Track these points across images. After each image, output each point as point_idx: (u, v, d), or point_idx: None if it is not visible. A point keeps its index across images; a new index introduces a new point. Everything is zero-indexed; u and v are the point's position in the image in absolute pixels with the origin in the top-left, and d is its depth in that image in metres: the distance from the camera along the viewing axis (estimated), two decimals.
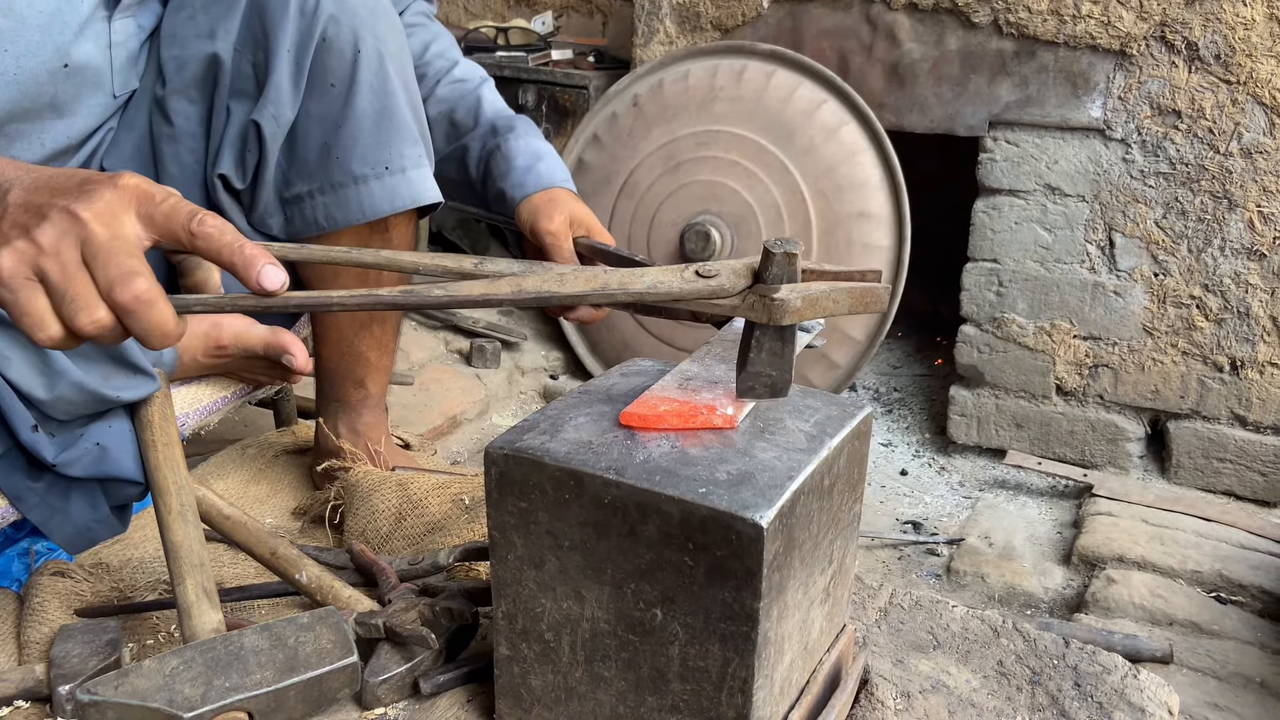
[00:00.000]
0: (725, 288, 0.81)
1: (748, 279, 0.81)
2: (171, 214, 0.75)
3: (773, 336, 0.82)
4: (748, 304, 0.81)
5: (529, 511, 0.82)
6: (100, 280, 0.72)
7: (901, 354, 3.26)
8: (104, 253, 0.72)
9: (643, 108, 2.79)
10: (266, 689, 0.87)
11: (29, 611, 1.14)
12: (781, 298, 0.79)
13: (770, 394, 0.85)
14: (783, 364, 0.84)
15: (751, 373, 0.84)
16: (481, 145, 1.45)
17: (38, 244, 0.71)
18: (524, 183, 1.39)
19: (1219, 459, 2.42)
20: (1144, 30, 2.30)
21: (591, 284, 0.82)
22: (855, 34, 2.64)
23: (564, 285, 0.82)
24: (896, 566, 2.21)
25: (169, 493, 1.06)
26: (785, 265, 0.80)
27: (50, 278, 0.71)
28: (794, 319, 0.81)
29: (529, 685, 0.88)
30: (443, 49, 1.51)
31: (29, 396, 1.02)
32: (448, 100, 1.48)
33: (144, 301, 0.72)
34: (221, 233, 0.75)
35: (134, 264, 0.72)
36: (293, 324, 1.43)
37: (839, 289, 0.82)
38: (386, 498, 1.37)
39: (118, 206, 0.74)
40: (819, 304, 0.81)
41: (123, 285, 0.71)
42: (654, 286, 0.81)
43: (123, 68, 1.23)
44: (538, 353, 3.06)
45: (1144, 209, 2.38)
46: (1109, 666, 1.09)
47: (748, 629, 0.76)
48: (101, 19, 1.17)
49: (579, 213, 1.36)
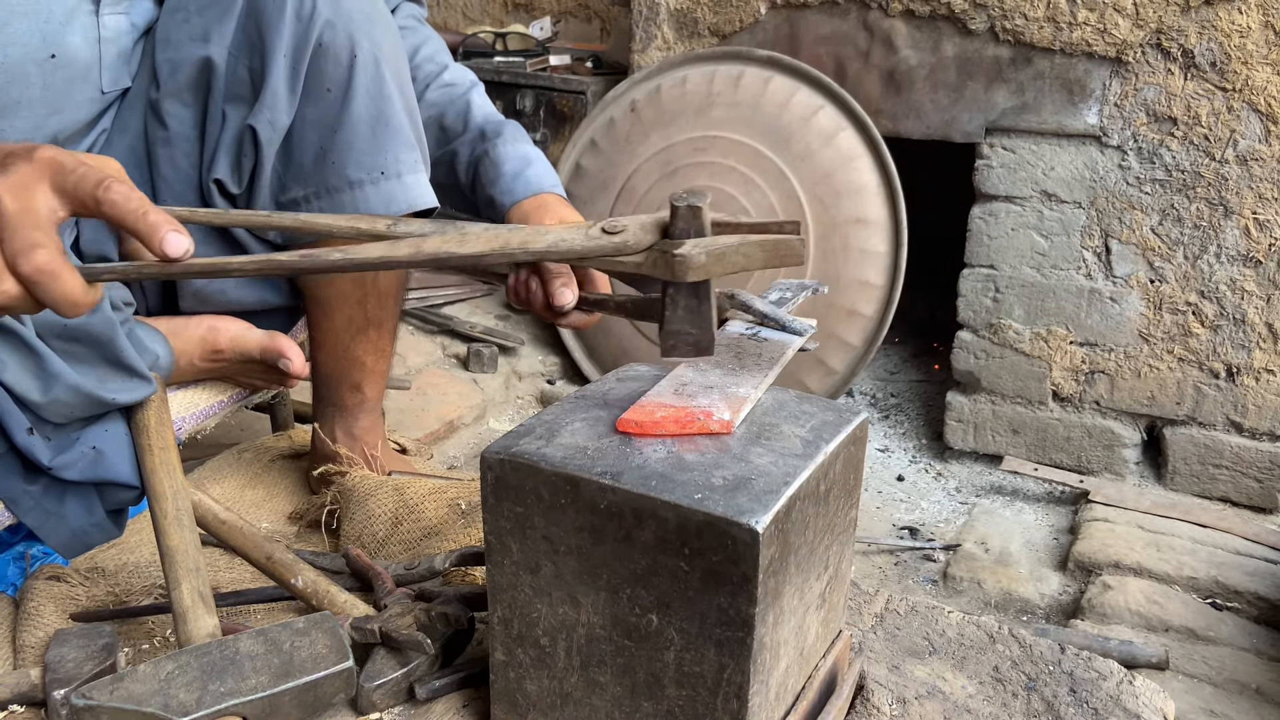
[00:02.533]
0: (629, 244, 0.79)
1: (655, 235, 0.79)
2: (80, 182, 0.76)
3: (686, 294, 0.80)
4: (650, 261, 0.79)
5: (525, 516, 0.82)
6: (5, 253, 0.74)
7: (898, 360, 3.26)
8: (10, 225, 0.74)
9: (640, 113, 2.79)
10: (262, 694, 0.87)
11: (24, 616, 1.14)
12: (684, 253, 0.77)
13: (694, 352, 0.83)
14: (701, 320, 0.82)
15: (670, 331, 0.82)
16: (470, 150, 1.45)
17: None
18: (513, 189, 1.39)
19: (1215, 465, 2.43)
20: (1140, 38, 2.30)
21: (491, 244, 0.80)
22: (852, 40, 2.65)
23: (464, 246, 0.81)
24: (893, 572, 2.21)
25: (165, 497, 1.05)
26: (691, 219, 0.78)
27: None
28: (699, 275, 0.79)
29: (524, 690, 0.88)
30: (432, 53, 1.51)
31: (24, 399, 1.02)
32: (437, 105, 1.48)
33: (46, 273, 0.74)
34: (127, 200, 0.76)
35: (37, 236, 0.74)
36: (289, 328, 1.43)
37: (749, 242, 0.80)
38: (383, 502, 1.37)
39: (30, 179, 0.75)
40: (726, 258, 0.79)
41: (24, 257, 0.73)
42: (556, 244, 0.80)
43: (112, 63, 1.22)
44: (535, 358, 3.06)
45: (1140, 215, 2.39)
46: (1104, 672, 1.09)
47: (743, 634, 0.76)
48: (89, 12, 1.17)
49: (568, 218, 1.36)
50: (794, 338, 1.00)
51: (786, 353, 0.97)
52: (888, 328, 2.60)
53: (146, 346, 1.16)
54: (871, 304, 2.59)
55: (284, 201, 1.27)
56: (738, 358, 0.96)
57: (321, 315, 1.40)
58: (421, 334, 3.05)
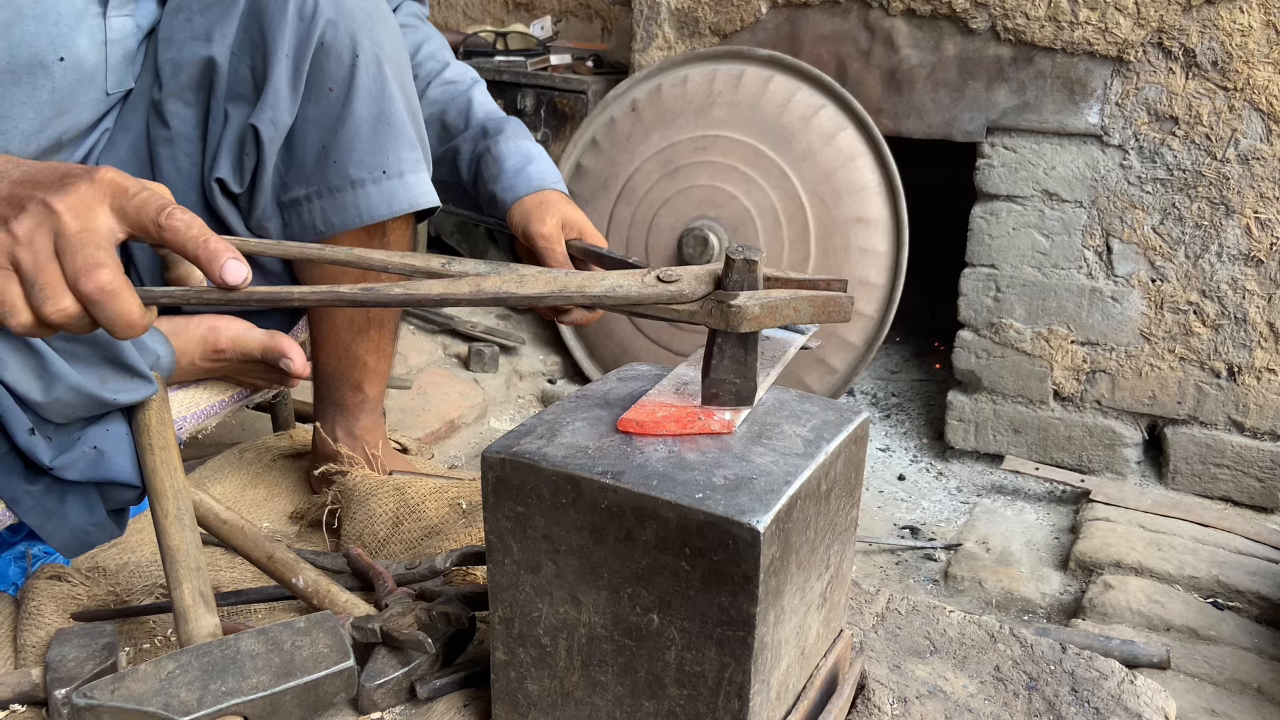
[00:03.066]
0: (685, 293, 0.80)
1: (709, 285, 0.81)
2: (142, 207, 0.77)
3: (734, 344, 0.82)
4: (706, 310, 0.81)
5: (526, 516, 0.82)
6: (67, 271, 0.74)
7: (899, 359, 3.26)
8: (73, 244, 0.74)
9: (641, 112, 2.79)
10: (262, 693, 0.87)
11: (25, 615, 1.14)
12: (739, 304, 0.79)
13: (735, 402, 0.85)
14: (746, 371, 0.84)
15: (714, 380, 0.84)
16: (472, 147, 1.45)
17: (14, 234, 0.74)
18: (514, 185, 1.39)
19: (1216, 465, 2.43)
20: (1141, 37, 2.30)
21: (551, 285, 0.82)
22: (853, 40, 2.65)
23: (523, 287, 0.82)
24: (894, 572, 2.21)
25: (166, 496, 1.06)
26: (745, 272, 0.80)
27: (23, 266, 0.74)
28: (752, 326, 0.81)
29: (525, 690, 0.88)
30: (434, 50, 1.51)
31: (25, 399, 1.02)
32: (439, 102, 1.48)
33: (107, 292, 0.74)
34: (189, 226, 0.76)
35: (100, 255, 0.74)
36: (290, 328, 1.43)
37: (801, 297, 0.82)
38: (384, 502, 1.37)
39: (91, 199, 0.76)
40: (779, 311, 0.81)
41: (87, 276, 0.74)
42: (613, 290, 0.81)
43: (118, 65, 1.23)
44: (536, 357, 3.06)
45: (1141, 215, 2.39)
46: (1106, 672, 1.09)
47: (744, 634, 0.76)
48: (96, 15, 1.18)
49: (571, 215, 1.37)
50: (796, 336, 1.00)
51: (789, 351, 0.97)
52: (889, 327, 2.60)
53: (147, 346, 1.16)
54: (873, 303, 2.59)
55: (285, 200, 1.27)
56: None
57: (323, 315, 1.40)
58: (422, 333, 3.05)
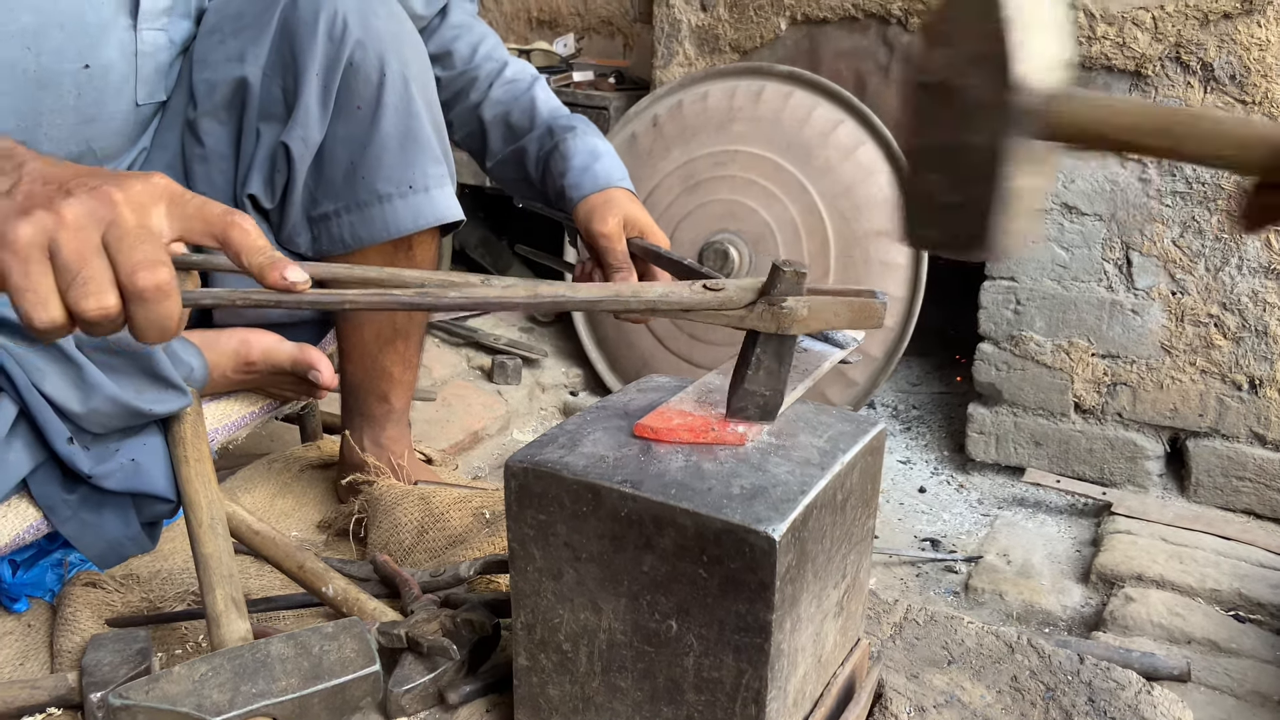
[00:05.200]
0: (732, 300, 0.84)
1: (753, 295, 0.84)
2: (204, 207, 0.75)
3: (771, 356, 0.85)
4: (756, 313, 0.84)
5: (547, 524, 0.84)
6: (122, 265, 0.69)
7: (920, 372, 3.26)
8: (131, 237, 0.70)
9: (662, 128, 2.82)
10: (291, 695, 0.89)
11: (61, 621, 1.17)
12: (790, 306, 0.83)
13: (760, 416, 0.88)
14: (776, 384, 0.86)
15: (746, 391, 0.87)
16: (539, 147, 1.48)
17: (61, 217, 0.68)
18: (580, 183, 1.41)
19: (1238, 477, 2.42)
20: (1159, 51, 2.31)
21: (605, 292, 0.85)
22: (872, 55, 2.66)
23: (578, 292, 0.86)
24: (914, 584, 2.22)
25: (200, 506, 1.08)
26: (794, 283, 0.83)
27: (64, 255, 0.68)
28: (800, 329, 0.84)
29: (547, 695, 0.90)
30: (490, 50, 1.53)
31: (64, 409, 1.05)
32: (502, 103, 1.50)
33: (163, 291, 0.70)
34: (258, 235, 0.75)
35: (162, 254, 0.71)
36: (319, 341, 1.46)
37: (839, 302, 0.86)
38: (409, 511, 1.39)
39: (147, 198, 0.73)
40: (822, 313, 0.85)
41: (149, 271, 0.69)
42: (665, 296, 0.84)
43: (149, 77, 1.25)
44: (558, 369, 3.08)
45: (1161, 228, 2.39)
46: (1123, 683, 1.10)
47: (761, 640, 0.77)
48: (125, 27, 1.20)
49: (634, 214, 1.38)
50: (834, 350, 1.01)
51: (824, 365, 0.98)
52: (909, 339, 2.61)
53: (181, 359, 1.19)
54: (892, 316, 2.60)
55: (314, 215, 1.30)
56: None
57: (350, 328, 1.43)
58: (447, 346, 3.08)
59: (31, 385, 1.04)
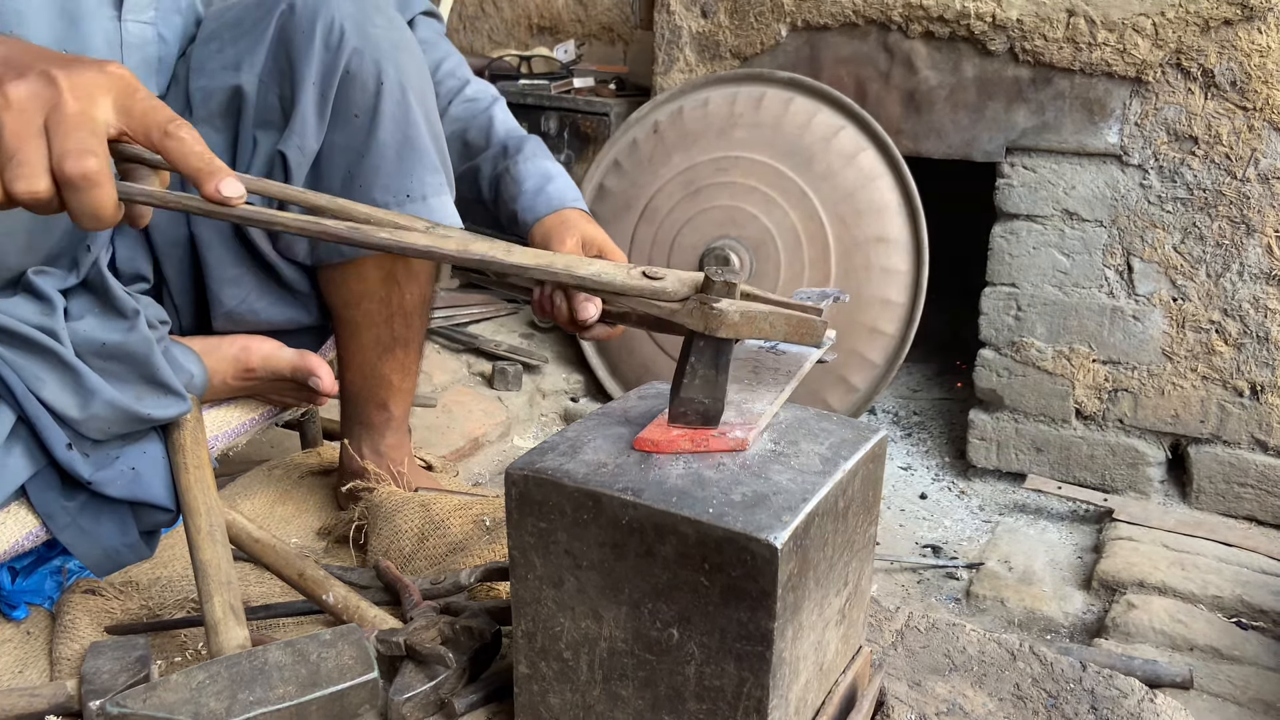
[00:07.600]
0: (666, 290, 0.82)
1: (691, 290, 0.83)
2: (150, 111, 0.75)
3: (707, 362, 0.84)
4: (687, 309, 0.83)
5: (548, 532, 0.84)
6: (55, 149, 0.71)
7: (921, 378, 3.26)
8: (68, 123, 0.71)
9: (663, 134, 2.82)
10: (289, 703, 0.89)
11: (60, 629, 1.17)
12: (721, 308, 0.81)
13: (701, 422, 0.86)
14: (716, 391, 0.85)
15: (684, 399, 0.85)
16: (493, 167, 1.47)
17: (6, 97, 0.70)
18: (534, 205, 1.40)
19: (1240, 484, 2.41)
20: (1160, 58, 2.31)
21: (537, 260, 0.84)
22: (873, 62, 2.67)
23: (510, 255, 0.84)
24: (916, 590, 2.21)
25: (199, 513, 1.08)
26: (725, 292, 0.82)
27: (4, 132, 0.70)
28: (730, 332, 0.82)
29: (548, 704, 0.90)
30: (453, 68, 1.53)
31: (63, 416, 1.05)
32: (460, 120, 1.50)
33: (91, 180, 0.71)
34: (196, 141, 0.75)
35: (92, 143, 0.72)
36: (318, 347, 1.46)
37: (776, 314, 0.84)
38: (409, 518, 1.39)
39: (95, 88, 0.73)
40: (756, 323, 0.83)
41: (77, 159, 0.71)
42: (597, 275, 0.83)
43: (135, 70, 1.24)
44: (559, 376, 3.08)
45: (1162, 234, 2.39)
46: (1126, 690, 1.10)
47: (763, 649, 0.77)
48: (109, 17, 1.19)
49: (591, 233, 1.38)
50: (812, 350, 1.00)
51: (804, 366, 0.98)
52: (909, 346, 2.61)
53: (181, 365, 1.19)
54: (893, 322, 2.60)
55: None
56: (755, 372, 0.97)
57: (349, 335, 1.43)
58: (447, 352, 3.08)
59: (29, 392, 1.04)
